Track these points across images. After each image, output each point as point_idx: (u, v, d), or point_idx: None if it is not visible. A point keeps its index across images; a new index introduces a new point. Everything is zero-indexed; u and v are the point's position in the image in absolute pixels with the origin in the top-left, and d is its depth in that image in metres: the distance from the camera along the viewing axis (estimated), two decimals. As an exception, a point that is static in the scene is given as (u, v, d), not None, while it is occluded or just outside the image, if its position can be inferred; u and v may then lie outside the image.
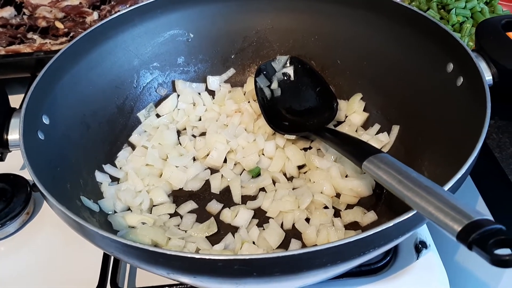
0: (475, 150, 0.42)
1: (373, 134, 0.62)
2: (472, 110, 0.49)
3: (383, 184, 0.42)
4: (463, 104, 0.52)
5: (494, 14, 0.75)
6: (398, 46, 0.62)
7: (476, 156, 0.42)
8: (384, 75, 0.64)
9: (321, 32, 0.69)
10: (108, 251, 0.42)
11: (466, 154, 0.43)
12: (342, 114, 0.66)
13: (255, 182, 0.58)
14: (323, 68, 0.70)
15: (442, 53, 0.56)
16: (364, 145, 0.50)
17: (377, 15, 0.63)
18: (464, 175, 0.41)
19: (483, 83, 0.48)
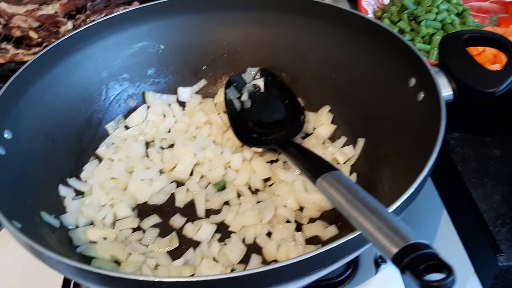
0: (424, 170, 0.43)
1: (339, 147, 0.63)
2: (430, 126, 0.49)
3: (332, 202, 0.42)
4: (423, 120, 0.52)
5: (465, 26, 0.75)
6: (364, 59, 0.62)
7: (425, 175, 0.43)
8: (351, 88, 0.64)
9: (291, 44, 0.69)
10: (63, 274, 0.42)
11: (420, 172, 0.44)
12: (310, 126, 0.66)
13: (220, 195, 0.58)
14: (293, 80, 0.70)
15: (405, 68, 0.56)
16: (320, 161, 0.51)
17: (345, 28, 0.64)
18: (412, 194, 0.41)
19: (440, 99, 0.48)
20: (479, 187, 0.56)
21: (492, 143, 0.61)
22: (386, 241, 0.32)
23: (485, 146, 0.61)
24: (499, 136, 0.62)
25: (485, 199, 0.54)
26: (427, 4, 0.76)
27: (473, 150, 0.60)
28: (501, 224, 0.52)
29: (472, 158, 0.59)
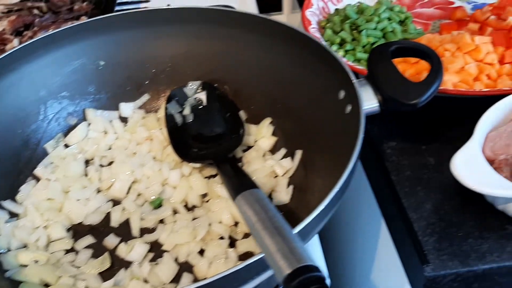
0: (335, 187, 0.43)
1: (279, 159, 0.63)
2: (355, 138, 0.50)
3: (245, 221, 0.42)
4: (350, 132, 0.52)
5: (407, 34, 0.76)
6: (300, 72, 0.63)
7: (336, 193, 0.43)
8: (289, 100, 0.65)
9: (233, 57, 0.69)
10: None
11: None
12: (251, 139, 0.66)
13: (156, 213, 0.58)
14: (236, 92, 0.70)
15: (335, 80, 0.56)
16: (244, 179, 0.51)
17: (280, 41, 0.64)
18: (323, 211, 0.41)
19: (359, 112, 0.49)
20: (412, 196, 0.56)
21: (427, 151, 0.61)
22: (283, 262, 0.33)
23: (420, 155, 0.61)
24: (435, 144, 0.62)
25: (417, 208, 0.55)
26: (369, 13, 0.77)
27: (408, 159, 0.61)
28: (430, 233, 0.52)
29: (407, 167, 0.60)
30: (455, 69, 0.65)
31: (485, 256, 0.50)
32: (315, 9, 0.82)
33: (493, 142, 0.54)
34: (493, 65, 0.66)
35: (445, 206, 0.55)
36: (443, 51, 0.68)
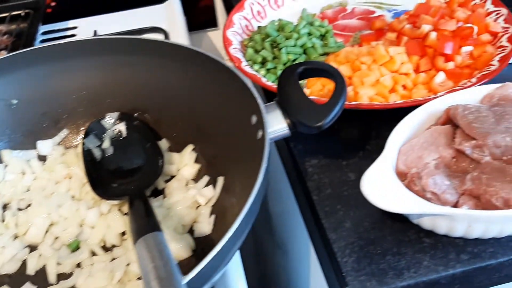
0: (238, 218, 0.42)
1: (201, 187, 0.61)
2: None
3: (140, 267, 0.41)
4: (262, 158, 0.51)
5: (327, 48, 0.76)
6: (216, 97, 0.62)
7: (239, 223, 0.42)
8: (209, 125, 0.64)
9: (150, 85, 0.68)
10: None
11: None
12: (174, 168, 0.65)
13: (73, 257, 0.56)
14: (157, 121, 0.69)
15: (247, 105, 0.56)
16: (148, 220, 0.49)
17: (196, 66, 0.63)
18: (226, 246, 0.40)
19: (264, 139, 0.48)
20: (332, 216, 0.56)
21: (348, 166, 0.62)
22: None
23: (341, 171, 0.61)
24: (354, 159, 0.62)
25: (336, 228, 0.55)
26: (289, 30, 0.76)
27: (330, 176, 0.61)
28: (349, 253, 0.52)
29: (328, 184, 0.60)
30: (371, 82, 0.65)
31: (402, 273, 0.50)
32: (237, 28, 0.81)
33: (406, 156, 0.54)
34: (409, 75, 0.67)
35: (364, 223, 0.55)
36: (359, 64, 0.68)
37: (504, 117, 0.53)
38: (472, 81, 0.64)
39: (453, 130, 0.56)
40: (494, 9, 0.76)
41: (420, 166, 0.52)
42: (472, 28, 0.69)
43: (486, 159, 0.51)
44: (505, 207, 0.47)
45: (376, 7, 0.87)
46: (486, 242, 0.51)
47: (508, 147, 0.51)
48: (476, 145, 0.52)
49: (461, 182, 0.50)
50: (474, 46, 0.68)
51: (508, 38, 0.69)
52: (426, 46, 0.69)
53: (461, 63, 0.67)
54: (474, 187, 0.49)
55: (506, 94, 0.58)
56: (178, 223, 0.58)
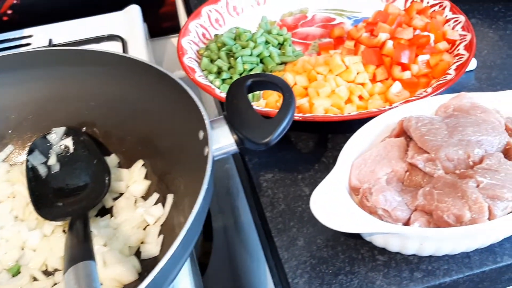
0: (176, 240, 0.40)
1: (150, 206, 0.59)
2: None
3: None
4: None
5: (285, 57, 0.74)
6: (165, 110, 0.59)
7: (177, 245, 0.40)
8: (160, 140, 0.61)
9: (97, 98, 0.65)
10: None
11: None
12: (123, 185, 0.62)
13: (12, 283, 0.53)
14: (106, 135, 0.66)
15: (195, 120, 0.53)
16: (82, 247, 0.46)
17: (146, 78, 0.60)
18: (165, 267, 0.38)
19: (208, 154, 0.46)
20: (284, 233, 0.54)
21: (303, 180, 0.60)
22: None
23: (296, 185, 0.59)
24: (310, 172, 0.61)
25: (289, 247, 0.53)
26: (245, 39, 0.74)
27: (284, 191, 0.59)
28: (300, 274, 0.50)
29: (282, 200, 0.58)
30: (326, 93, 0.64)
31: (354, 293, 0.48)
32: (193, 36, 0.79)
33: (359, 170, 0.53)
34: (365, 84, 0.66)
35: (318, 241, 0.53)
36: (315, 75, 0.66)
37: (457, 129, 0.52)
38: (428, 91, 0.62)
39: (406, 142, 0.54)
40: (452, 16, 0.75)
41: (372, 181, 0.50)
42: (429, 36, 0.68)
43: (439, 173, 0.50)
44: (457, 224, 0.46)
45: (336, 14, 0.86)
46: (440, 259, 0.49)
47: (460, 160, 0.50)
48: (429, 159, 0.50)
49: (413, 198, 0.49)
50: (430, 55, 0.67)
51: (465, 46, 0.68)
52: (383, 55, 0.68)
53: (418, 72, 0.66)
54: (426, 203, 0.47)
55: (461, 104, 0.57)
56: (125, 245, 0.55)
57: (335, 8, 0.87)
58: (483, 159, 0.49)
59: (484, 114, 0.55)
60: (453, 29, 0.72)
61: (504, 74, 0.71)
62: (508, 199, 0.46)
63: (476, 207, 0.45)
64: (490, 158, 0.49)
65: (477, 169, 0.48)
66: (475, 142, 0.51)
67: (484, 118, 0.54)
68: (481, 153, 0.50)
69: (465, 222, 0.45)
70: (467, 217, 0.45)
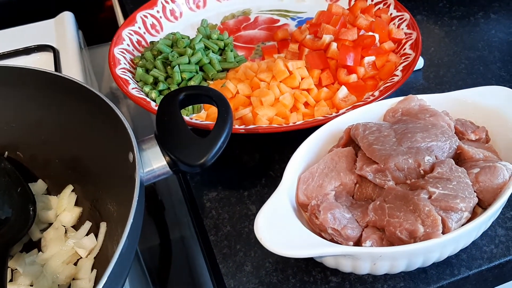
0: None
1: (82, 237, 0.53)
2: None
3: None
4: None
5: (227, 63, 0.70)
6: (93, 131, 0.54)
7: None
8: (89, 163, 0.55)
9: (22, 118, 0.59)
10: None
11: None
12: (52, 214, 0.56)
13: None
14: (31, 158, 0.59)
15: (123, 142, 0.48)
16: None
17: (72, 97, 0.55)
18: None
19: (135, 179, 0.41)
20: (230, 259, 0.50)
21: (250, 197, 0.56)
22: None
23: (242, 203, 0.55)
24: (256, 188, 0.56)
25: (235, 273, 0.48)
26: (183, 45, 0.69)
27: (229, 211, 0.54)
28: (248, 303, 0.46)
29: (227, 221, 0.53)
30: (270, 102, 0.60)
31: (306, 321, 0.44)
32: (126, 45, 0.73)
33: (306, 184, 0.49)
34: (311, 90, 0.62)
35: (266, 264, 0.49)
36: (258, 82, 0.62)
37: (406, 135, 0.49)
38: (375, 94, 0.59)
39: (355, 152, 0.51)
40: (397, 14, 0.72)
41: (320, 197, 0.47)
42: (374, 36, 0.65)
43: (389, 184, 0.47)
44: (410, 239, 0.43)
45: (280, 15, 0.82)
46: (396, 276, 0.46)
47: (411, 170, 0.47)
48: (378, 170, 0.47)
49: (363, 213, 0.45)
50: (376, 56, 0.64)
51: (411, 45, 0.66)
52: (328, 58, 0.64)
53: (365, 74, 0.63)
54: (377, 218, 0.44)
55: (409, 108, 0.54)
56: (53, 284, 0.49)
57: (279, 9, 0.84)
58: (434, 167, 0.47)
59: (433, 117, 0.52)
60: (399, 28, 0.70)
61: (451, 72, 0.70)
62: (461, 210, 0.43)
63: (429, 221, 0.42)
64: (441, 166, 0.46)
65: (428, 179, 0.46)
66: (425, 149, 0.48)
67: (433, 122, 0.51)
68: (432, 161, 0.47)
69: (418, 237, 0.42)
70: (421, 232, 0.42)
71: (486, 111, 0.55)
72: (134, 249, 0.41)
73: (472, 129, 0.53)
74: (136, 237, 0.40)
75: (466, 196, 0.44)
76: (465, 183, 0.45)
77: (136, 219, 0.39)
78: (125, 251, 0.37)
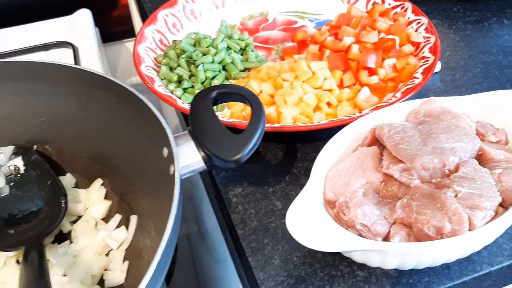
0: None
1: (112, 229, 0.55)
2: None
3: None
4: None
5: (248, 63, 0.71)
6: (125, 126, 0.55)
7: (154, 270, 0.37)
8: (119, 158, 0.57)
9: (48, 113, 0.60)
10: None
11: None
12: (81, 207, 0.57)
13: (-41, 325, 0.48)
14: (60, 153, 0.61)
15: (158, 136, 0.50)
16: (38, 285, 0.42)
17: (103, 92, 0.56)
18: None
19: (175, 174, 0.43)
20: (259, 252, 0.51)
21: (274, 193, 0.57)
22: None
23: (267, 199, 0.57)
24: (281, 185, 0.58)
25: (264, 266, 0.50)
26: (206, 45, 0.71)
27: (255, 207, 0.56)
28: (278, 295, 0.48)
29: (254, 216, 0.55)
30: (294, 101, 0.61)
31: (335, 313, 0.46)
32: (150, 43, 0.74)
33: (333, 182, 0.51)
34: (333, 91, 0.64)
35: (294, 258, 0.50)
36: (281, 82, 0.64)
37: (431, 136, 0.51)
38: (397, 96, 0.61)
39: (380, 151, 0.53)
40: (414, 18, 0.74)
41: (348, 194, 0.48)
42: (394, 39, 0.67)
43: (415, 182, 0.48)
44: (437, 236, 0.44)
45: (298, 17, 0.84)
46: (421, 271, 0.48)
47: (436, 169, 0.49)
48: (404, 169, 0.49)
49: (391, 210, 0.47)
50: (396, 58, 0.66)
51: (430, 49, 0.67)
52: (349, 59, 0.66)
53: (385, 76, 0.65)
54: (405, 215, 0.46)
55: (431, 109, 0.56)
56: (86, 274, 0.51)
57: (296, 11, 0.85)
58: (459, 167, 0.48)
59: (455, 119, 0.54)
60: (417, 31, 0.71)
61: (467, 76, 0.71)
62: (486, 208, 0.45)
63: (456, 218, 0.44)
64: (465, 166, 0.48)
65: (453, 178, 0.47)
66: (449, 149, 0.50)
67: (456, 124, 0.53)
68: (456, 161, 0.49)
69: (445, 233, 0.44)
70: (448, 228, 0.44)
71: (503, 114, 0.57)
72: (174, 242, 0.42)
73: (492, 131, 0.55)
74: (177, 228, 0.42)
75: (490, 195, 0.46)
76: (489, 182, 0.47)
77: (177, 214, 0.41)
78: (169, 241, 0.38)
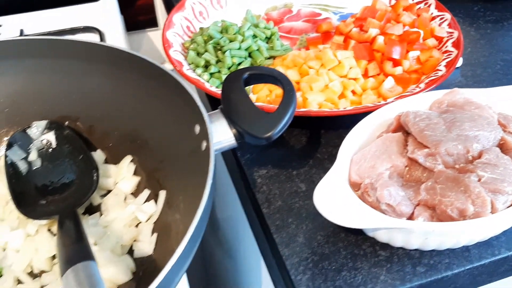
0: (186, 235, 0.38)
1: (141, 203, 0.56)
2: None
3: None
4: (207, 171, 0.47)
5: (273, 51, 0.73)
6: (156, 104, 0.57)
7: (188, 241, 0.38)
8: (149, 135, 0.59)
9: (82, 90, 0.62)
10: None
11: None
12: (111, 182, 0.59)
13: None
14: (90, 129, 0.63)
15: (190, 114, 0.51)
16: (79, 247, 0.43)
17: (134, 71, 0.58)
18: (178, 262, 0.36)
19: (209, 150, 0.44)
20: (283, 230, 0.53)
21: (298, 176, 0.59)
22: None
23: (291, 181, 0.58)
24: (305, 168, 0.60)
25: (289, 243, 0.51)
26: (233, 32, 0.73)
27: (279, 188, 0.57)
28: (303, 271, 0.49)
29: (278, 196, 0.56)
30: (320, 88, 0.63)
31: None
32: (178, 29, 0.76)
33: (358, 165, 0.52)
34: (358, 80, 0.65)
35: (318, 237, 0.52)
36: (307, 69, 0.66)
37: (455, 124, 0.52)
38: (420, 86, 0.63)
39: (404, 137, 0.54)
40: (438, 13, 0.76)
41: (373, 176, 0.50)
42: (419, 32, 0.69)
43: (439, 167, 0.50)
44: (460, 218, 0.46)
45: (321, 9, 0.85)
46: (441, 253, 0.49)
47: (460, 155, 0.50)
48: (429, 154, 0.50)
49: (415, 193, 0.48)
50: (420, 51, 0.67)
51: (453, 43, 0.69)
52: (374, 50, 0.68)
53: (409, 68, 0.66)
54: (429, 197, 0.47)
55: (455, 100, 0.57)
56: (117, 244, 0.53)
57: (319, 3, 0.87)
58: (482, 154, 0.50)
59: (478, 109, 0.55)
60: (440, 26, 0.73)
61: (488, 72, 0.73)
62: (508, 193, 0.46)
63: (479, 201, 0.46)
64: (488, 153, 0.50)
65: (477, 164, 0.49)
66: (473, 137, 0.51)
67: (479, 114, 0.54)
68: (479, 148, 0.50)
69: (468, 216, 0.45)
70: (471, 211, 0.45)
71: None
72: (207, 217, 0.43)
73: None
74: (210, 205, 0.43)
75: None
76: (510, 169, 0.48)
77: (212, 185, 0.42)
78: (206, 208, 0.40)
